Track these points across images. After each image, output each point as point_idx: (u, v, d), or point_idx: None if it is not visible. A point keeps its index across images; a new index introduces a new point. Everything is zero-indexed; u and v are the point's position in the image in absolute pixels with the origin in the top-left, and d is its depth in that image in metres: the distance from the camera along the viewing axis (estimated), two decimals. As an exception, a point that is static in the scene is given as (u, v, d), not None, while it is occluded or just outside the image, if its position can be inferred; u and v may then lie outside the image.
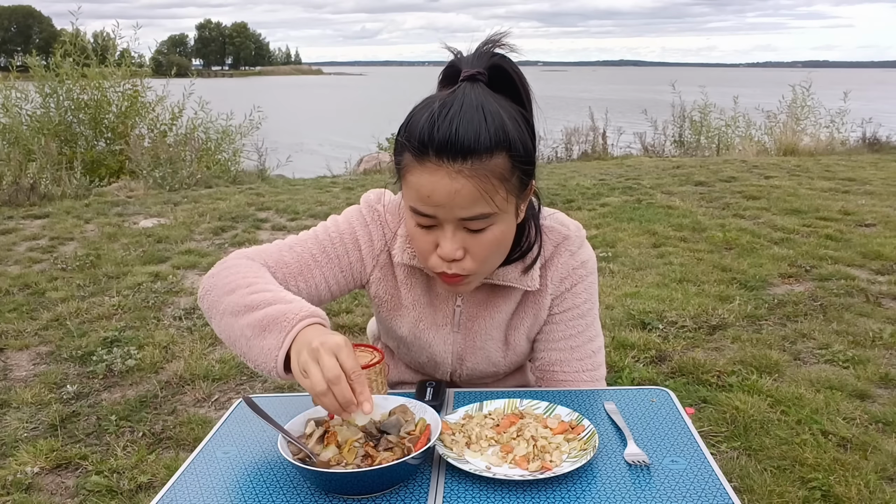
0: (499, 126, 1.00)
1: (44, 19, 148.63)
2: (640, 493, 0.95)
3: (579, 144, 11.30)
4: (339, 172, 10.44)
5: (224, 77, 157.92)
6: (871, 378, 3.02)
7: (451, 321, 1.27)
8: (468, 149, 0.98)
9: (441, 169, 0.99)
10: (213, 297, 1.14)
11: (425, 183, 1.01)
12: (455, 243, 1.05)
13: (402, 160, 1.05)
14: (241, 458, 1.08)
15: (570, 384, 1.29)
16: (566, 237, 1.25)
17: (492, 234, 1.06)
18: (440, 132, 0.98)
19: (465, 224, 1.04)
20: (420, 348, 1.31)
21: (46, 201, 7.33)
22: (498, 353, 1.30)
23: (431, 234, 1.07)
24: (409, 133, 1.02)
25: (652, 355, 3.29)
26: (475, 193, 1.00)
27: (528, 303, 1.26)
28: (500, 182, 1.02)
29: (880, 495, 2.21)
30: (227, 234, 5.83)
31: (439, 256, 1.07)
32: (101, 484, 2.36)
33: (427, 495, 0.96)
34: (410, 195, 1.05)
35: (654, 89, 13.14)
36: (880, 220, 5.77)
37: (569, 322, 1.27)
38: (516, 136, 1.02)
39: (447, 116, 0.98)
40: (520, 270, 1.21)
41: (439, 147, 0.98)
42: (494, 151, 1.00)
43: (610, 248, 5.09)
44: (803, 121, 11.20)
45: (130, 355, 3.33)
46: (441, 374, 1.36)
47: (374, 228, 1.26)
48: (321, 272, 1.25)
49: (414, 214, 1.06)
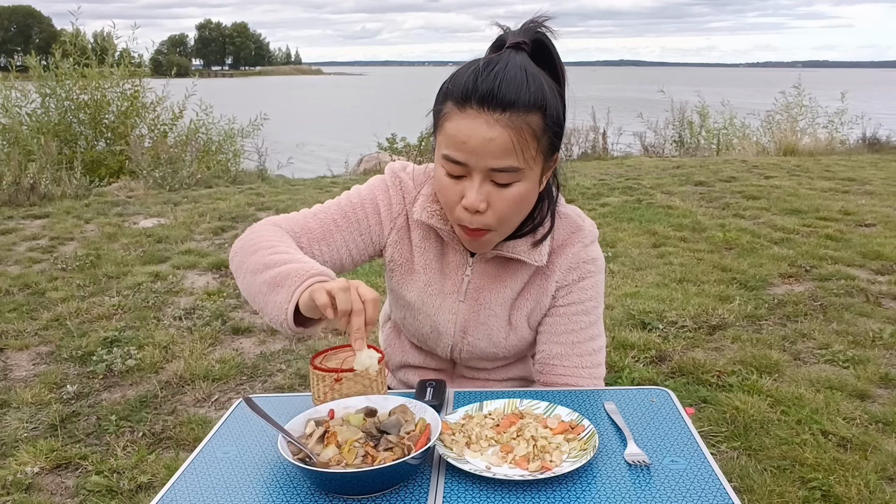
0: (538, 87, 1.08)
1: (44, 19, 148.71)
2: (640, 493, 0.95)
3: (579, 144, 11.30)
4: (339, 172, 10.45)
5: (224, 77, 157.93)
6: (871, 378, 3.02)
7: (458, 289, 1.30)
8: (508, 101, 1.05)
9: (480, 116, 1.06)
10: (239, 258, 1.23)
11: (464, 128, 1.07)
12: (481, 194, 1.11)
13: (442, 109, 1.12)
14: (241, 458, 1.08)
15: (568, 379, 1.30)
16: (580, 228, 1.29)
17: (516, 191, 1.12)
18: (484, 83, 1.05)
19: (493, 176, 1.10)
20: (426, 315, 1.33)
21: (46, 201, 7.33)
22: (500, 331, 1.31)
23: (459, 184, 1.13)
24: (454, 83, 1.10)
25: (652, 355, 3.29)
26: (508, 144, 1.06)
27: (534, 284, 1.29)
28: (533, 139, 1.08)
29: (880, 495, 2.21)
30: (227, 234, 5.83)
31: (464, 207, 1.12)
32: (101, 484, 2.36)
33: (427, 495, 0.96)
34: (446, 142, 1.11)
35: (654, 89, 13.13)
36: (880, 220, 5.77)
37: (572, 317, 1.29)
38: (552, 101, 1.10)
39: (492, 71, 1.06)
40: (529, 244, 1.24)
41: (482, 96, 1.05)
42: (531, 109, 1.07)
43: (610, 248, 5.09)
44: (801, 120, 11.21)
45: (130, 355, 3.33)
46: (442, 349, 1.36)
47: (394, 193, 1.32)
48: (342, 236, 1.31)
49: (446, 163, 1.12)
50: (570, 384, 1.30)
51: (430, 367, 1.42)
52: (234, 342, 3.59)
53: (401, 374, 1.47)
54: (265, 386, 3.11)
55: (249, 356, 3.40)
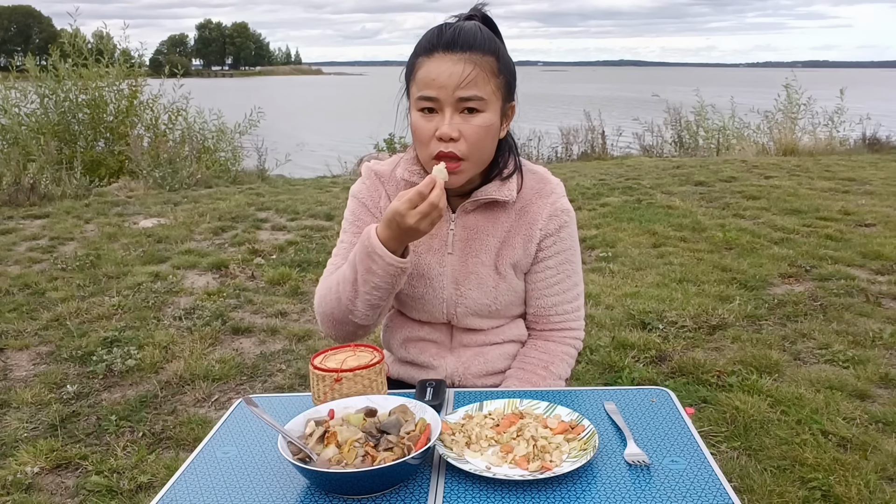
0: (490, 38, 1.31)
1: (44, 19, 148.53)
2: (640, 493, 0.95)
3: (579, 144, 11.30)
4: (339, 172, 10.45)
5: (224, 77, 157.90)
6: (871, 378, 3.02)
7: (445, 243, 1.43)
8: (468, 44, 1.27)
9: (446, 56, 1.27)
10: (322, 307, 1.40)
11: (433, 69, 1.27)
12: (452, 125, 1.28)
13: (413, 63, 1.32)
14: (241, 458, 1.08)
15: (560, 329, 1.48)
16: (550, 180, 1.46)
17: (482, 119, 1.29)
18: (447, 33, 1.28)
19: (462, 105, 1.27)
20: (419, 277, 1.43)
21: (46, 201, 7.33)
22: (489, 278, 1.42)
23: (432, 121, 1.29)
24: (422, 42, 1.31)
25: (652, 355, 3.29)
26: (473, 76, 1.26)
27: (518, 233, 1.41)
28: (492, 75, 1.29)
29: (880, 495, 2.21)
30: (227, 234, 5.83)
31: (438, 138, 1.28)
32: (101, 484, 2.36)
33: (427, 495, 0.96)
34: (419, 86, 1.29)
35: (654, 89, 13.16)
36: (880, 220, 5.77)
37: (560, 265, 1.45)
38: (503, 52, 1.32)
39: (452, 26, 1.30)
40: (498, 184, 1.39)
41: (446, 42, 1.27)
42: (487, 52, 1.28)
43: (610, 248, 5.09)
44: (801, 119, 11.20)
45: (130, 355, 3.33)
46: (438, 308, 1.44)
47: (370, 183, 1.48)
48: None
49: (419, 102, 1.29)
50: (564, 327, 1.47)
51: (431, 340, 1.48)
52: (234, 342, 3.59)
53: (403, 351, 1.52)
54: (265, 386, 3.11)
55: (249, 356, 3.40)
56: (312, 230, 5.85)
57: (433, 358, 1.47)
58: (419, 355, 1.48)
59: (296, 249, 5.22)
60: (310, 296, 4.18)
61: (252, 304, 4.11)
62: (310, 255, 5.00)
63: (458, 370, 1.46)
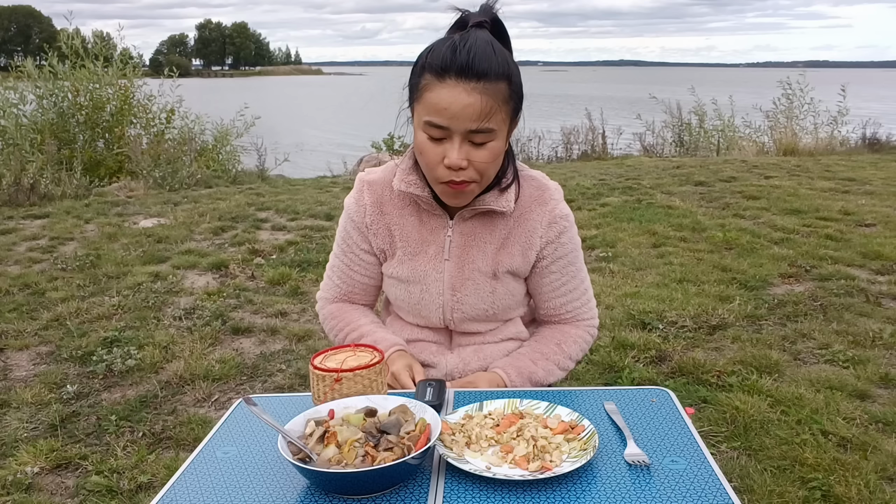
0: (504, 60, 1.25)
1: (44, 19, 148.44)
2: (640, 493, 0.95)
3: (579, 144, 11.29)
4: (339, 172, 10.45)
5: (224, 77, 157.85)
6: (871, 378, 3.02)
7: (443, 250, 1.43)
8: (482, 72, 1.21)
9: (459, 85, 1.21)
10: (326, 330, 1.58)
11: (444, 97, 1.22)
12: (461, 154, 1.25)
13: (420, 81, 1.26)
14: (241, 458, 1.08)
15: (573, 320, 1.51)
16: (548, 187, 1.45)
17: (490, 148, 1.27)
18: (460, 57, 1.21)
19: (471, 137, 1.25)
20: (415, 282, 1.45)
21: (46, 201, 7.33)
22: (486, 284, 1.43)
23: (440, 146, 1.27)
24: (432, 58, 1.24)
25: (652, 355, 3.29)
26: (484, 109, 1.22)
27: (517, 239, 1.42)
28: (503, 104, 1.25)
29: (880, 495, 2.21)
30: (227, 234, 5.83)
31: (447, 167, 1.26)
32: (101, 484, 2.36)
33: (427, 495, 0.96)
34: (427, 110, 1.25)
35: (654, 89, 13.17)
36: (880, 220, 5.77)
37: (564, 269, 1.46)
38: (515, 72, 1.27)
39: (466, 46, 1.21)
40: (496, 194, 1.39)
41: (459, 68, 1.21)
42: (500, 78, 1.23)
43: (610, 248, 5.09)
44: (802, 119, 11.20)
45: (130, 355, 3.33)
46: (435, 313, 1.45)
47: (358, 197, 1.48)
48: (357, 270, 1.53)
49: (427, 128, 1.26)
50: (577, 318, 1.50)
51: (431, 341, 1.51)
52: (234, 342, 3.59)
53: None
54: (265, 386, 3.11)
55: (249, 356, 3.40)
56: (312, 230, 5.84)
57: (433, 356, 1.49)
58: (419, 354, 1.50)
59: (296, 249, 5.22)
60: (310, 296, 4.18)
61: (252, 304, 4.11)
62: (310, 255, 5.00)
63: (459, 367, 1.47)
